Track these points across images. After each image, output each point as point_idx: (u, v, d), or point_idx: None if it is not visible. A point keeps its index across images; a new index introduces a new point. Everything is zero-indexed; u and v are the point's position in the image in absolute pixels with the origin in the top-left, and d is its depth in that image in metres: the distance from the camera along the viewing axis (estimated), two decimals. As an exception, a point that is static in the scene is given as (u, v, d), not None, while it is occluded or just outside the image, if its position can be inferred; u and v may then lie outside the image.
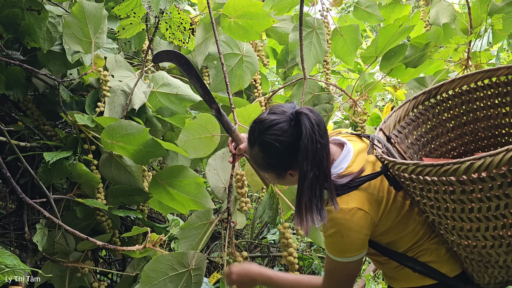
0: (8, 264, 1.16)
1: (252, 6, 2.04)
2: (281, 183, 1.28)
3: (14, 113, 2.20)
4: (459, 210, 1.00)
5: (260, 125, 1.16)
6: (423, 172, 0.97)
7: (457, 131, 1.37)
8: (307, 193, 1.10)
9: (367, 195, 1.13)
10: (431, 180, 0.97)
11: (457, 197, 0.97)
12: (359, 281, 3.23)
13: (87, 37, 1.83)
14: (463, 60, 2.56)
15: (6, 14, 1.76)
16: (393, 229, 1.19)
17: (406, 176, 1.03)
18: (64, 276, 1.78)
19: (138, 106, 1.89)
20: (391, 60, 2.64)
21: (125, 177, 1.85)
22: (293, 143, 1.12)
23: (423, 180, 0.99)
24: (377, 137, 1.18)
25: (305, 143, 1.07)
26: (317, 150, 1.08)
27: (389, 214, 1.16)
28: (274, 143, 1.13)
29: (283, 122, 1.13)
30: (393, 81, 4.28)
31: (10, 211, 2.44)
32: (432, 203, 1.05)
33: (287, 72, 2.84)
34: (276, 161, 1.17)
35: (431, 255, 1.20)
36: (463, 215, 1.01)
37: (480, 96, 1.30)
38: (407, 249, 1.22)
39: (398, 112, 1.32)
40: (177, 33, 1.87)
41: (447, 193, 0.98)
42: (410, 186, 1.07)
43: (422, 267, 1.20)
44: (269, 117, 1.16)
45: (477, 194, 0.94)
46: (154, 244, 1.58)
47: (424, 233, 1.21)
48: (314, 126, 1.08)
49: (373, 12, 2.83)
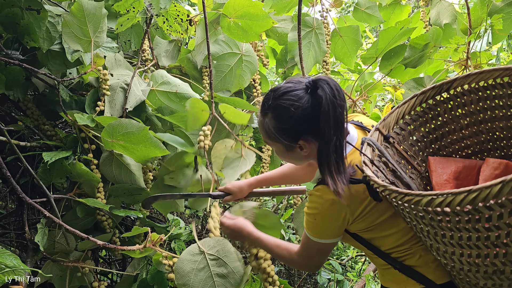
0: (8, 264, 1.16)
1: (252, 6, 2.04)
2: (287, 158, 1.28)
3: (14, 113, 2.20)
4: (440, 235, 0.99)
5: (275, 92, 1.17)
6: (411, 202, 0.92)
7: (472, 129, 1.30)
8: (333, 157, 1.09)
9: (350, 192, 1.13)
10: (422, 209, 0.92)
11: (444, 225, 0.94)
12: (359, 281, 3.23)
13: (86, 36, 1.83)
14: (462, 60, 2.56)
15: (6, 14, 1.76)
16: (375, 228, 1.20)
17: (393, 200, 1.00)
18: (65, 276, 1.78)
19: (133, 105, 1.89)
20: (391, 60, 2.64)
21: (126, 176, 1.85)
22: (308, 110, 1.12)
23: (413, 208, 0.95)
24: (368, 140, 1.16)
25: (325, 109, 1.08)
26: (339, 115, 1.09)
27: (370, 214, 1.17)
28: (289, 107, 1.13)
29: (299, 89, 1.14)
30: (393, 81, 4.29)
31: (11, 211, 2.44)
32: (415, 223, 1.04)
33: (286, 72, 2.84)
34: (289, 128, 1.16)
35: (418, 260, 1.19)
36: (445, 240, 0.99)
37: (499, 94, 1.21)
38: (391, 249, 1.22)
39: (402, 108, 1.27)
40: (174, 25, 1.87)
41: (435, 220, 0.94)
42: (397, 206, 1.05)
43: (402, 268, 1.20)
44: (285, 85, 1.17)
45: (464, 224, 0.90)
46: (154, 244, 1.58)
47: (412, 237, 1.20)
48: (334, 91, 1.09)
49: (373, 13, 2.82)
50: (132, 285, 1.86)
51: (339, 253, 4.08)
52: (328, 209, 1.15)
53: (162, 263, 1.63)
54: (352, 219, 1.17)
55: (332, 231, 1.20)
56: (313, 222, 1.19)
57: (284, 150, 1.24)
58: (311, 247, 1.25)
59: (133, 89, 1.92)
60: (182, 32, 1.91)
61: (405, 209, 1.01)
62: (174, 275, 1.45)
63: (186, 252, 1.46)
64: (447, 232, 0.96)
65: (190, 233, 2.11)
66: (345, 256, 3.98)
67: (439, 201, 0.87)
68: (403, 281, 1.22)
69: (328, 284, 3.28)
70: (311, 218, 1.19)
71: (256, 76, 2.54)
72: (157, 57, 2.35)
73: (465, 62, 2.55)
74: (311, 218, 1.19)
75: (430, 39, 2.55)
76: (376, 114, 3.36)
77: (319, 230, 1.20)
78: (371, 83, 2.91)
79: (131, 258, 2.28)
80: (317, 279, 3.21)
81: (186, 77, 2.39)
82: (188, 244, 3.38)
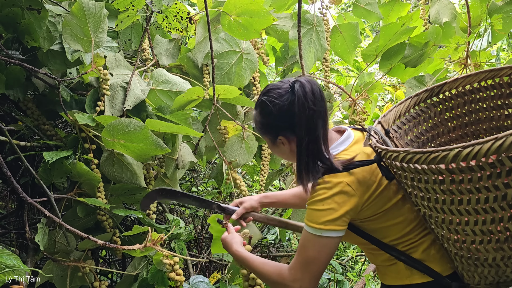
0: (8, 264, 1.16)
1: (252, 4, 2.04)
2: (276, 152, 1.34)
3: (14, 112, 2.20)
4: (448, 202, 0.99)
5: (264, 89, 1.27)
6: (413, 160, 0.96)
7: (459, 132, 1.34)
8: (304, 157, 1.17)
9: (358, 177, 1.15)
10: (421, 168, 0.96)
11: (446, 187, 0.96)
12: (359, 281, 3.23)
13: (87, 36, 1.83)
14: (462, 59, 2.56)
15: (6, 13, 1.76)
16: (381, 217, 1.20)
17: (397, 165, 1.02)
18: (65, 276, 1.78)
19: (132, 104, 1.88)
20: (391, 59, 2.64)
21: (127, 175, 1.85)
22: (285, 108, 1.19)
23: (413, 168, 0.98)
24: (374, 129, 1.19)
25: (296, 110, 1.15)
26: (310, 117, 1.15)
27: (377, 200, 1.17)
28: (269, 104, 1.21)
29: (283, 88, 1.21)
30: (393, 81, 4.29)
31: (11, 211, 2.43)
32: (422, 194, 1.05)
33: (286, 70, 2.84)
34: (270, 123, 1.25)
35: (423, 253, 1.20)
36: (452, 207, 0.99)
37: (483, 97, 1.27)
38: (395, 240, 1.22)
39: (399, 108, 1.30)
40: (174, 23, 1.87)
41: (437, 182, 0.97)
42: (402, 177, 1.07)
43: (408, 259, 1.20)
44: (275, 83, 1.25)
45: (466, 185, 0.93)
46: (154, 243, 1.58)
47: (416, 227, 1.21)
48: (307, 93, 1.15)
49: (373, 9, 2.83)
50: (133, 285, 1.86)
51: (339, 253, 4.08)
52: (338, 192, 1.14)
53: (163, 263, 1.62)
54: (362, 203, 1.16)
55: (336, 217, 1.14)
56: (319, 209, 1.15)
57: (271, 144, 1.32)
58: (310, 247, 1.17)
59: (133, 88, 1.92)
60: (181, 30, 1.91)
61: (408, 176, 1.03)
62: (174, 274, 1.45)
63: None
64: (464, 196, 0.96)
65: (190, 233, 2.11)
66: (345, 256, 3.98)
67: (434, 156, 0.92)
68: (408, 277, 1.22)
69: (328, 284, 3.28)
70: (319, 205, 1.15)
71: (256, 74, 2.54)
72: (157, 56, 2.35)
73: (465, 61, 2.55)
74: (318, 206, 1.15)
75: (430, 38, 2.55)
76: (377, 115, 3.37)
77: (324, 214, 1.14)
78: (370, 82, 2.91)
79: (131, 258, 2.28)
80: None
81: (186, 75, 2.39)
82: (188, 244, 3.39)
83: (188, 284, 1.81)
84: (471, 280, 1.13)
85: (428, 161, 0.93)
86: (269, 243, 3.69)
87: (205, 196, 3.21)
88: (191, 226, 3.53)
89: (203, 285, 1.81)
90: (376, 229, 1.23)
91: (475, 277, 1.11)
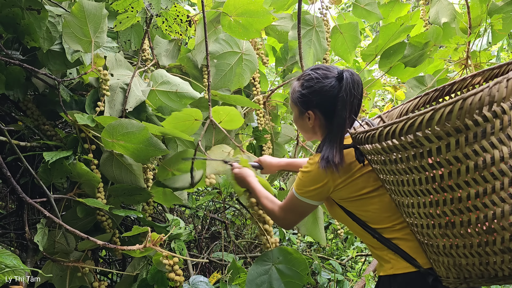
0: (8, 264, 1.16)
1: (252, 4, 2.04)
2: (298, 125, 1.49)
3: (14, 113, 2.20)
4: (396, 183, 1.10)
5: (313, 66, 1.43)
6: (374, 138, 1.06)
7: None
8: (339, 135, 1.30)
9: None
10: (380, 147, 1.06)
11: (395, 167, 1.07)
12: (359, 281, 3.23)
13: (87, 36, 1.83)
14: (462, 59, 2.56)
15: (6, 14, 1.76)
16: (359, 200, 1.32)
17: (366, 149, 1.15)
18: (65, 276, 1.78)
19: (133, 106, 1.88)
20: (390, 58, 2.64)
21: (126, 176, 1.85)
22: (326, 89, 1.34)
23: (374, 149, 1.09)
24: (368, 120, 1.28)
25: (344, 95, 1.29)
26: (354, 103, 1.31)
27: (352, 185, 1.31)
28: (314, 80, 1.36)
29: (331, 72, 1.36)
30: (393, 81, 4.29)
31: (11, 211, 2.44)
32: (385, 177, 1.15)
33: (286, 70, 2.84)
34: (305, 95, 1.38)
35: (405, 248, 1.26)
36: (399, 188, 1.10)
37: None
38: (379, 226, 1.30)
39: (406, 106, 1.34)
40: (174, 25, 1.87)
41: (392, 162, 1.07)
42: (372, 161, 1.19)
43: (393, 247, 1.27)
44: (326, 65, 1.41)
45: (401, 164, 1.03)
46: (154, 243, 1.58)
47: (394, 219, 1.28)
48: (354, 82, 1.31)
49: (372, 10, 2.84)
50: (132, 285, 1.86)
51: (339, 253, 4.08)
52: (315, 172, 1.33)
53: (162, 263, 1.62)
54: (333, 187, 1.33)
55: (313, 194, 1.36)
56: (301, 179, 1.38)
57: (297, 116, 1.46)
58: (292, 203, 1.43)
59: (133, 89, 1.91)
60: (181, 33, 1.91)
61: (373, 159, 1.16)
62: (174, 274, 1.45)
63: None
64: (404, 177, 1.06)
65: (190, 233, 2.11)
66: (345, 256, 3.98)
67: (386, 131, 1.02)
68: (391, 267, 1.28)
69: (328, 284, 3.29)
70: (301, 175, 1.38)
71: (256, 74, 2.54)
72: (157, 56, 2.35)
73: (465, 62, 2.56)
74: (301, 176, 1.38)
75: (430, 38, 2.55)
76: (375, 114, 3.37)
77: (303, 188, 1.37)
78: (370, 80, 2.91)
79: (131, 258, 2.28)
80: (317, 279, 3.21)
81: (187, 76, 2.39)
82: (188, 244, 3.39)
83: (188, 284, 1.81)
84: (440, 272, 1.16)
85: (383, 136, 1.03)
86: (269, 243, 3.69)
87: (205, 196, 3.21)
88: (191, 226, 3.53)
89: (203, 285, 1.81)
90: (359, 213, 1.34)
91: (441, 269, 1.14)
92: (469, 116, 0.90)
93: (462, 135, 0.92)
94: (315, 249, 3.79)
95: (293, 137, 2.63)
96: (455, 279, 1.11)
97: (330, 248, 4.02)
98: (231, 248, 3.35)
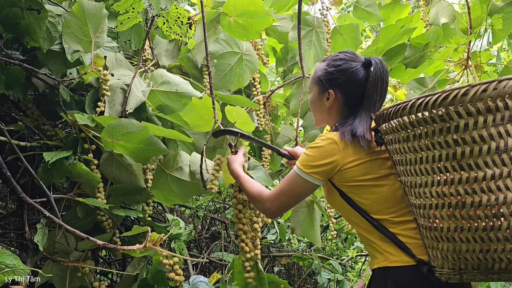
0: (8, 264, 1.16)
1: (252, 4, 2.03)
2: (314, 105, 1.50)
3: (14, 113, 2.20)
4: (413, 161, 1.12)
5: (343, 50, 1.47)
6: (398, 113, 1.10)
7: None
8: (366, 111, 1.35)
9: (352, 143, 1.31)
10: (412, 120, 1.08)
11: (411, 144, 1.10)
12: (359, 281, 3.23)
13: (87, 36, 1.83)
14: (463, 60, 2.56)
15: (6, 14, 1.76)
16: (360, 187, 1.31)
17: (388, 128, 1.18)
18: (65, 276, 1.78)
19: (133, 107, 1.88)
20: (391, 60, 2.64)
21: (126, 176, 1.85)
22: (352, 71, 1.38)
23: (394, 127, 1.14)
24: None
25: (375, 79, 1.35)
26: (382, 87, 1.36)
27: (357, 169, 1.30)
28: (341, 59, 1.41)
29: (358, 58, 1.41)
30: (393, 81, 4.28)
31: (11, 211, 2.44)
32: (399, 158, 1.18)
33: (286, 71, 2.84)
34: (331, 73, 1.41)
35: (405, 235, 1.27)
36: (416, 166, 1.11)
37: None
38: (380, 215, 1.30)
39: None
40: (174, 27, 1.87)
41: (416, 137, 1.09)
42: (388, 142, 1.22)
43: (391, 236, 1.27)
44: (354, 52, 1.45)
45: (424, 140, 1.06)
46: (154, 243, 1.58)
47: (392, 212, 1.29)
48: (384, 68, 1.37)
49: (373, 11, 2.84)
50: (132, 285, 1.86)
51: (339, 253, 4.08)
52: (326, 147, 1.31)
53: (162, 263, 1.63)
54: (341, 165, 1.30)
55: (319, 170, 1.32)
56: (308, 155, 1.34)
57: (316, 95, 1.47)
58: (290, 184, 1.37)
59: (133, 90, 1.91)
60: (181, 35, 1.91)
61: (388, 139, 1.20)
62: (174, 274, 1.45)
63: None
64: (424, 153, 1.08)
65: (190, 233, 2.11)
66: (345, 256, 3.99)
67: (419, 102, 1.04)
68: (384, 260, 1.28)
69: (328, 284, 3.29)
70: (309, 151, 1.34)
71: (256, 75, 2.54)
72: (157, 56, 2.35)
73: (466, 62, 2.56)
74: (309, 152, 1.34)
75: (430, 39, 2.55)
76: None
77: (310, 163, 1.33)
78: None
79: (131, 258, 2.28)
80: (317, 279, 3.21)
81: (187, 76, 2.39)
82: (188, 244, 3.39)
83: (188, 284, 1.81)
84: (435, 261, 1.16)
85: (415, 108, 1.05)
86: (269, 243, 3.70)
87: (205, 196, 3.21)
88: (191, 226, 3.53)
89: (203, 285, 1.82)
90: (359, 199, 1.33)
91: (438, 257, 1.14)
92: (501, 99, 0.95)
93: (491, 115, 0.96)
94: (315, 249, 3.79)
95: (292, 137, 2.63)
96: (449, 269, 1.12)
97: (330, 248, 4.02)
98: (231, 248, 3.35)
